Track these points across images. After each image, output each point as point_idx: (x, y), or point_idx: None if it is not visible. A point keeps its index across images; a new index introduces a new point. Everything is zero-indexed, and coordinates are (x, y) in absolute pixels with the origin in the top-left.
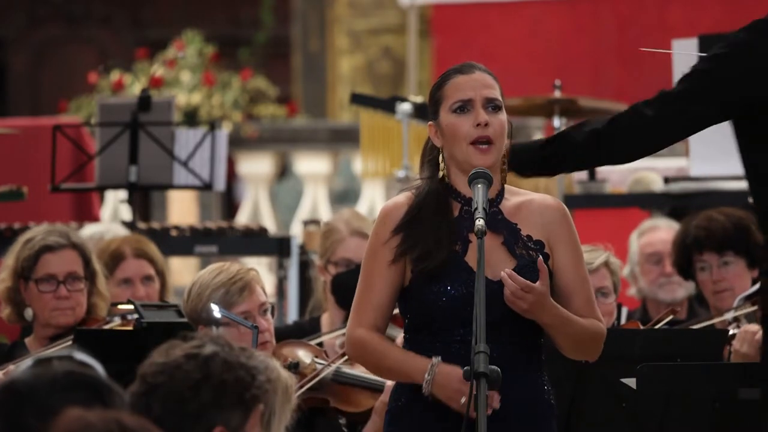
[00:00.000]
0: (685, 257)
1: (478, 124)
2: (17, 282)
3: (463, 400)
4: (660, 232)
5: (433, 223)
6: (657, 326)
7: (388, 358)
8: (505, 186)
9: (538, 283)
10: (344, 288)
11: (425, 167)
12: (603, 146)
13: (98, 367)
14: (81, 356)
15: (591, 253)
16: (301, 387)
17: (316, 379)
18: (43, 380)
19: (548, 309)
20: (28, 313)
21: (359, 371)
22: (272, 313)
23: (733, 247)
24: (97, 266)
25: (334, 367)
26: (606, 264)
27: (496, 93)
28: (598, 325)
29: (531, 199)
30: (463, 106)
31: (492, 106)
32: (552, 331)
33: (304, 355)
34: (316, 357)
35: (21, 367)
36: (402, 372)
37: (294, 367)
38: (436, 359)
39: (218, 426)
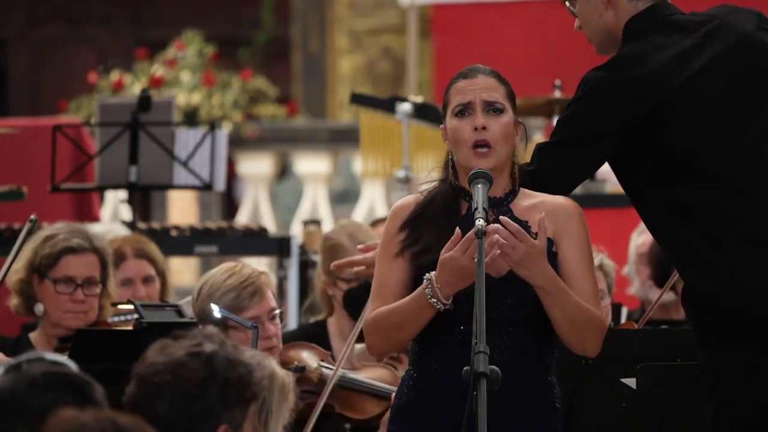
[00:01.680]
0: (662, 269)
1: (475, 128)
2: (31, 276)
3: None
4: None
5: (438, 221)
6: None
7: (399, 309)
8: (521, 189)
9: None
10: (358, 302)
11: (442, 168)
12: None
13: (71, 364)
14: (51, 356)
15: None
16: (306, 392)
17: (327, 390)
18: (22, 384)
19: (542, 269)
20: (39, 308)
21: (365, 377)
22: (281, 318)
23: None
24: (111, 270)
25: (340, 372)
26: (600, 266)
27: (497, 96)
28: (597, 313)
29: (543, 200)
30: (463, 110)
31: (492, 109)
32: (546, 298)
33: (309, 359)
34: (322, 360)
35: None
36: (413, 308)
37: (300, 370)
38: (426, 276)
39: (223, 424)
